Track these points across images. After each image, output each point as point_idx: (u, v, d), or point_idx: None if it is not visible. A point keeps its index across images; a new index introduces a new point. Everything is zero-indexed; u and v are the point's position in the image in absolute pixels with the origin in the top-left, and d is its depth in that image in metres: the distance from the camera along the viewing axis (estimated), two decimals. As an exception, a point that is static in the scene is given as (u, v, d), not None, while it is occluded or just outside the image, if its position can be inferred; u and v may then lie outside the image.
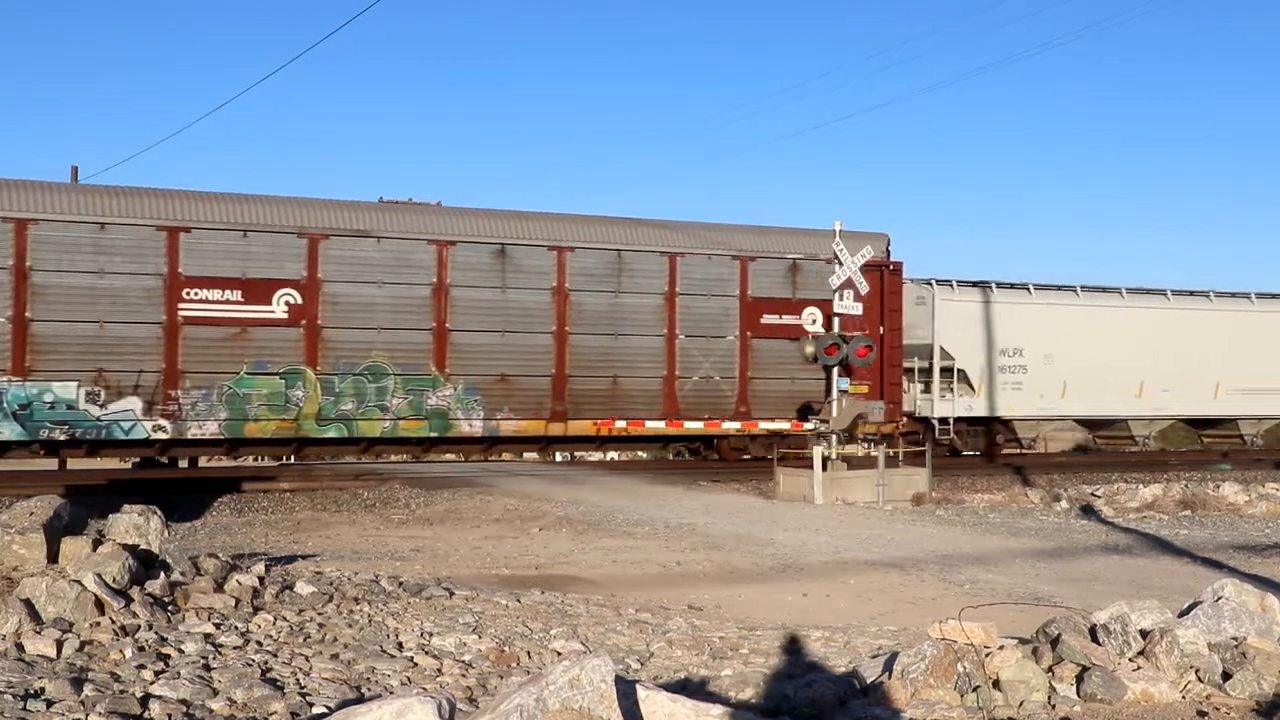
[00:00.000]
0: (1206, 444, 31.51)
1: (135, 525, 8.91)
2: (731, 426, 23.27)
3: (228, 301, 19.90)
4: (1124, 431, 30.56)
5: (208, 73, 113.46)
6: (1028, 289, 27.82)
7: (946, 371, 26.39)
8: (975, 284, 27.26)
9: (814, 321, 23.54)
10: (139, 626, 7.45)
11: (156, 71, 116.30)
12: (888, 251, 24.63)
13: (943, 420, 26.27)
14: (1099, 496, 19.32)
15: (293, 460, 22.74)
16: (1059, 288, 28.45)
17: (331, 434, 20.63)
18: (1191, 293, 29.87)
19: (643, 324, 22.72)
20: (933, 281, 26.62)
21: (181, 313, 19.58)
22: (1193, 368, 28.58)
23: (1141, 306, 28.74)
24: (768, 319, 23.59)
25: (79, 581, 7.59)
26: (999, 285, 27.47)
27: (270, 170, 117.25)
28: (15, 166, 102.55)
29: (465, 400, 21.36)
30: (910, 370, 25.93)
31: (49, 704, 5.80)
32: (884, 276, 24.08)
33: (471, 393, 21.40)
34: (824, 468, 19.46)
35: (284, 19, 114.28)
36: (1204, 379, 28.84)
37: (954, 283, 27.05)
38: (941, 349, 26.25)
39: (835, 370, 20.32)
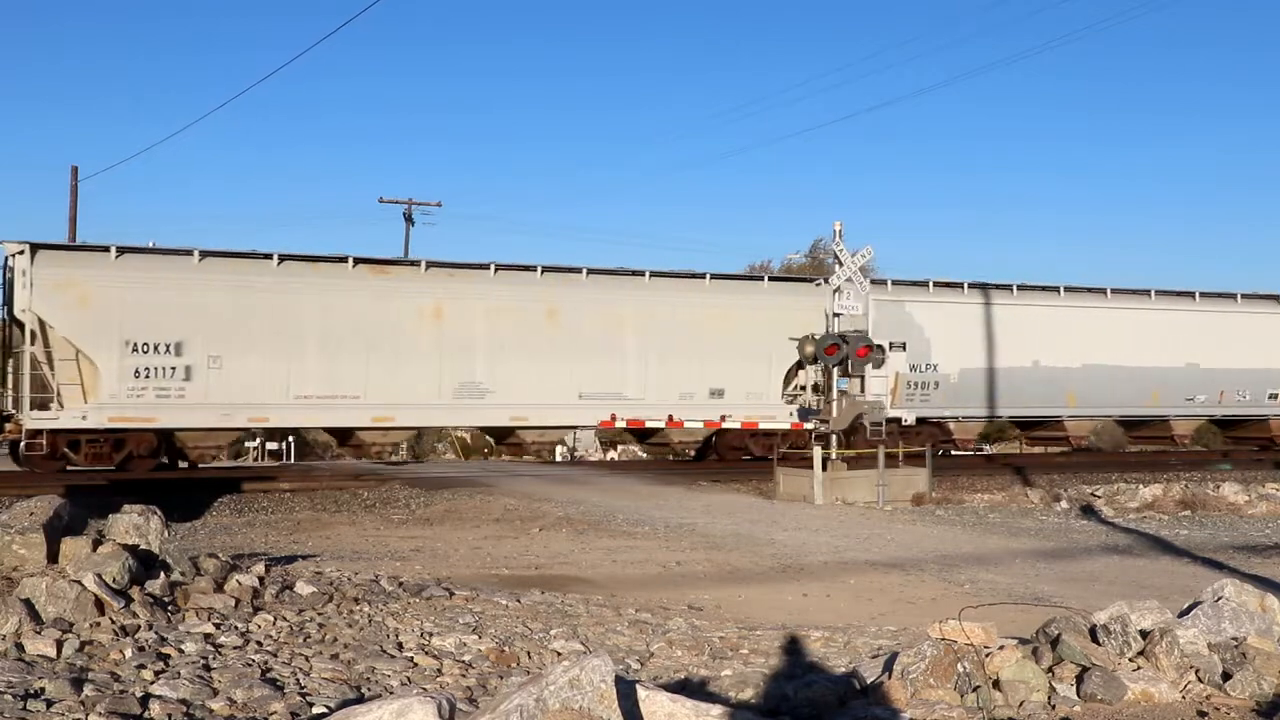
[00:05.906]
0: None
1: (135, 525, 8.90)
2: None
3: None
4: None
5: (207, 73, 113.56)
6: None
7: None
8: None
9: None
10: (139, 626, 7.44)
11: (157, 72, 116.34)
12: None
13: None
14: (1099, 496, 19.34)
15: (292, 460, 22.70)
16: None
17: None
18: None
19: None
20: None
21: None
22: None
23: None
24: None
25: (79, 581, 7.58)
26: None
27: (270, 170, 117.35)
28: (16, 166, 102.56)
29: None
30: None
31: (49, 704, 5.80)
32: None
33: None
34: (824, 468, 19.47)
35: (284, 19, 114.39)
36: None
37: None
38: None
39: (835, 370, 20.26)
